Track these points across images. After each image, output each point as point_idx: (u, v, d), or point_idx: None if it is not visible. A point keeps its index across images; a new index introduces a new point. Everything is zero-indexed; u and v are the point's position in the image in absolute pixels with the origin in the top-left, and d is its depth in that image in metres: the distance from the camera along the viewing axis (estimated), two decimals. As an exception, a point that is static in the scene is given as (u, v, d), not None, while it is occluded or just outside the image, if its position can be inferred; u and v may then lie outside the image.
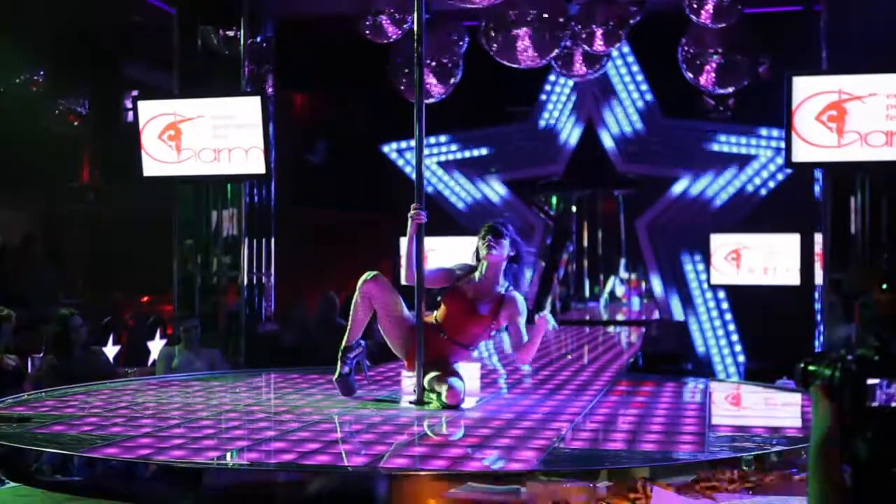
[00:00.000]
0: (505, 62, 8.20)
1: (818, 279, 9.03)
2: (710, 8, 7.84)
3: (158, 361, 7.82)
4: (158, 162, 8.57)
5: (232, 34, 9.44)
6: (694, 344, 10.90)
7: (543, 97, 11.52)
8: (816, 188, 8.86)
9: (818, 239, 8.97)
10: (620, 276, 16.52)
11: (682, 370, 9.19)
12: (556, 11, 7.96)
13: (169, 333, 9.22)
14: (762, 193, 10.81)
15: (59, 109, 9.95)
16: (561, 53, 8.47)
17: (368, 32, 8.57)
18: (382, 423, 4.20)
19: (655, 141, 11.25)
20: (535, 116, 11.64)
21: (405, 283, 4.82)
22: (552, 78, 11.31)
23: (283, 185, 9.97)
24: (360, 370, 4.88)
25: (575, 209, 16.19)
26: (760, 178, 10.83)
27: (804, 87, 7.55)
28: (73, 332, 6.45)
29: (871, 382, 1.97)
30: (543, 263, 12.22)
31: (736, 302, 10.94)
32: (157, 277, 10.25)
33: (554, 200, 15.03)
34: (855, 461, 1.98)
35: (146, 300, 11.52)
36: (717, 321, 11.01)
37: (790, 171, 9.32)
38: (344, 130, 12.74)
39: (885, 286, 8.01)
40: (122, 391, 5.22)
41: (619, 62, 11.05)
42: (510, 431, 4.07)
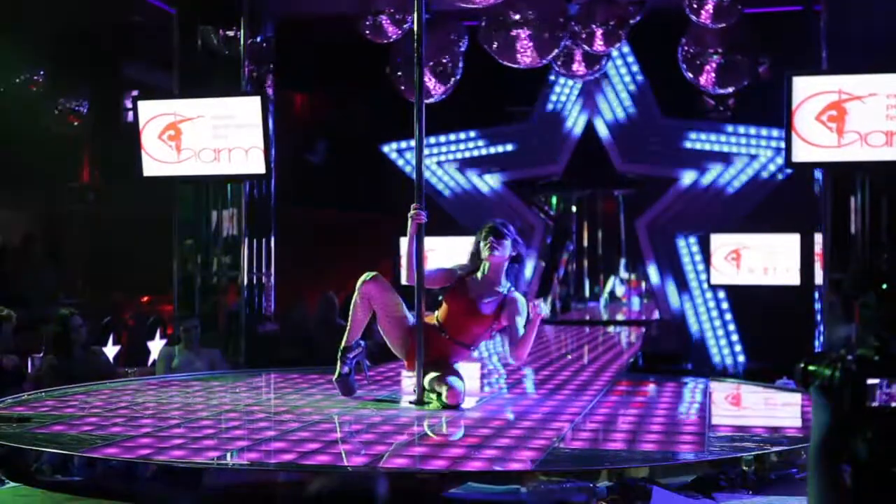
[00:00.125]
0: (505, 62, 8.21)
1: (818, 279, 9.03)
2: (710, 8, 7.85)
3: (158, 361, 7.82)
4: (158, 162, 8.56)
5: (232, 34, 9.44)
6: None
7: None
8: (816, 188, 8.85)
9: (818, 239, 8.96)
10: (620, 276, 16.53)
11: (682, 370, 9.19)
12: (556, 11, 7.97)
13: (169, 333, 9.22)
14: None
15: (59, 109, 9.94)
16: (561, 53, 8.48)
17: (368, 32, 8.57)
18: (382, 423, 4.20)
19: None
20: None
21: (405, 283, 4.82)
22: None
23: (283, 185, 9.96)
24: (359, 370, 4.89)
25: (575, 209, 16.19)
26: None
27: (804, 87, 7.55)
28: (73, 332, 6.45)
29: (871, 382, 1.97)
30: (543, 263, 12.22)
31: (736, 302, 10.94)
32: (157, 277, 10.25)
33: (554, 200, 15.03)
34: (855, 461, 1.98)
35: (146, 300, 11.52)
36: (717, 321, 11.01)
37: (789, 170, 9.31)
38: (344, 130, 12.74)
39: (885, 286, 8.01)
40: (122, 391, 5.23)
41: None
42: (510, 431, 4.07)
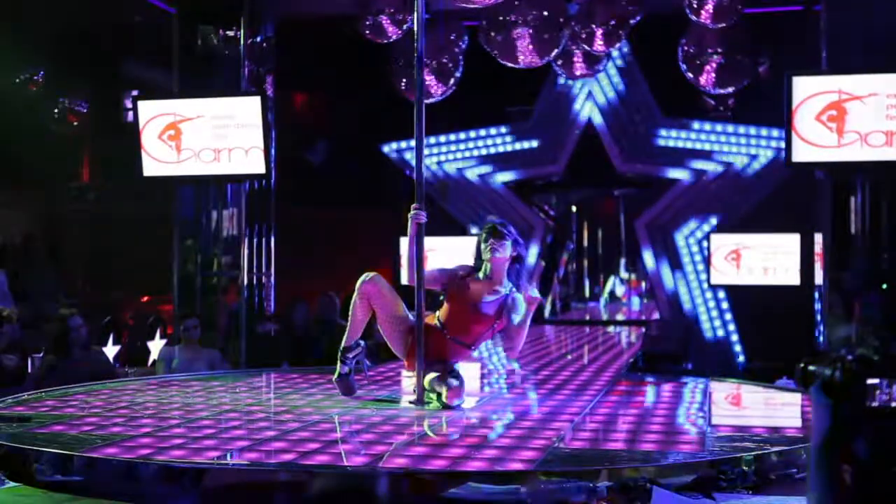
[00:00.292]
0: (505, 62, 8.21)
1: (818, 279, 9.03)
2: (710, 8, 7.85)
3: (158, 361, 7.83)
4: (158, 162, 8.56)
5: (232, 34, 9.45)
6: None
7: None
8: (817, 188, 8.86)
9: (818, 239, 8.96)
10: (620, 276, 16.53)
11: (682, 370, 9.19)
12: (556, 11, 7.97)
13: (169, 333, 9.22)
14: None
15: (58, 109, 9.95)
16: (561, 53, 8.48)
17: (368, 32, 8.58)
18: (382, 423, 4.20)
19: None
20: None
21: (406, 283, 4.82)
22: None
23: (283, 185, 9.97)
24: (359, 370, 4.89)
25: (575, 209, 16.19)
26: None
27: (804, 87, 7.55)
28: (73, 332, 6.45)
29: (871, 382, 1.97)
30: (543, 263, 12.22)
31: (736, 302, 10.94)
32: (157, 277, 10.26)
33: (554, 200, 15.02)
34: (855, 461, 1.98)
35: (146, 300, 11.53)
36: (717, 321, 11.01)
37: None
38: (344, 130, 12.74)
39: (885, 286, 8.02)
40: (122, 391, 5.22)
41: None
42: (510, 431, 4.07)
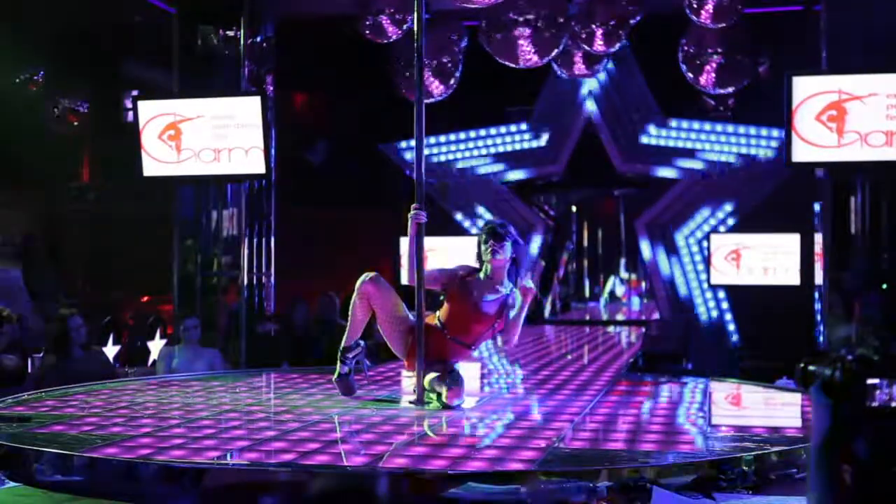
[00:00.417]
0: (505, 62, 8.21)
1: (818, 279, 9.03)
2: (710, 8, 7.85)
3: (158, 361, 7.82)
4: (158, 162, 8.56)
5: (232, 34, 9.44)
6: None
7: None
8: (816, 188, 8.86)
9: (818, 239, 8.96)
10: (620, 276, 16.53)
11: (682, 370, 9.19)
12: (556, 11, 7.97)
13: (169, 333, 9.22)
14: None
15: (58, 109, 9.94)
16: (561, 53, 8.48)
17: (368, 32, 8.58)
18: (382, 423, 4.20)
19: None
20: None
21: (406, 283, 4.82)
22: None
23: (283, 185, 9.97)
24: (359, 370, 4.89)
25: (575, 209, 16.19)
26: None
27: (804, 87, 7.55)
28: (72, 332, 6.45)
29: (871, 382, 1.97)
30: (543, 263, 12.22)
31: (736, 302, 10.94)
32: (157, 277, 10.25)
33: (554, 200, 15.03)
34: (855, 461, 1.98)
35: (146, 300, 11.53)
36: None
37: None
38: (344, 130, 12.75)
39: (885, 286, 8.01)
40: (122, 391, 5.22)
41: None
42: (510, 431, 4.07)
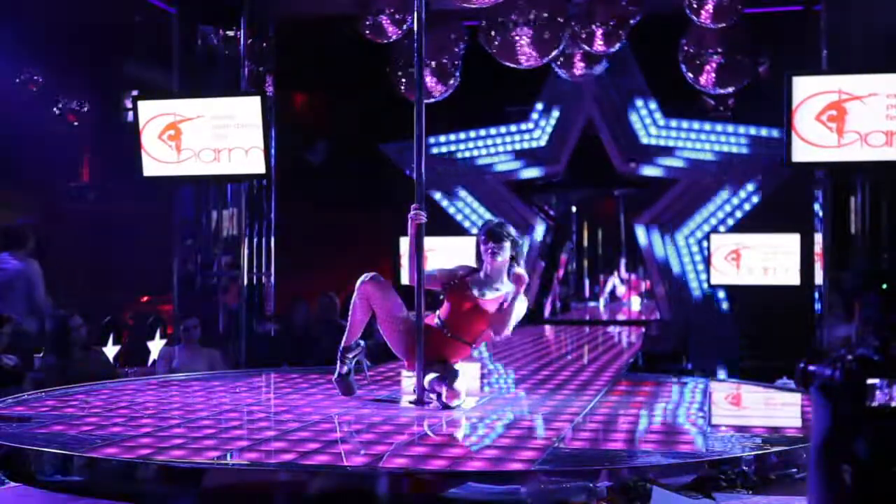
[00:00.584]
0: (505, 62, 8.21)
1: (818, 279, 9.03)
2: (710, 8, 7.85)
3: (158, 361, 7.83)
4: (158, 162, 8.56)
5: (232, 34, 9.44)
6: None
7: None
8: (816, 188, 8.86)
9: (818, 239, 8.96)
10: (620, 276, 16.53)
11: (682, 370, 9.19)
12: (555, 11, 7.98)
13: (169, 333, 9.22)
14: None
15: (59, 108, 9.93)
16: (561, 53, 8.48)
17: (368, 32, 8.58)
18: (382, 423, 4.20)
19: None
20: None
21: (407, 283, 4.82)
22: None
23: (283, 185, 9.96)
24: (359, 370, 4.89)
25: (575, 209, 16.18)
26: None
27: (804, 87, 7.55)
28: (72, 332, 6.45)
29: (871, 382, 1.96)
30: (543, 263, 12.21)
31: (736, 302, 10.93)
32: (157, 277, 10.24)
33: (554, 200, 15.03)
34: (855, 461, 1.98)
35: (146, 300, 11.52)
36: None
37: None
38: (344, 130, 12.74)
39: (885, 286, 8.01)
40: (122, 391, 5.22)
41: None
42: (510, 431, 4.07)
